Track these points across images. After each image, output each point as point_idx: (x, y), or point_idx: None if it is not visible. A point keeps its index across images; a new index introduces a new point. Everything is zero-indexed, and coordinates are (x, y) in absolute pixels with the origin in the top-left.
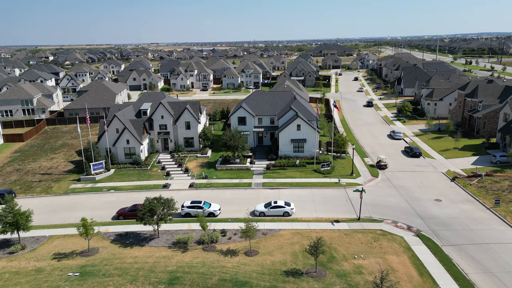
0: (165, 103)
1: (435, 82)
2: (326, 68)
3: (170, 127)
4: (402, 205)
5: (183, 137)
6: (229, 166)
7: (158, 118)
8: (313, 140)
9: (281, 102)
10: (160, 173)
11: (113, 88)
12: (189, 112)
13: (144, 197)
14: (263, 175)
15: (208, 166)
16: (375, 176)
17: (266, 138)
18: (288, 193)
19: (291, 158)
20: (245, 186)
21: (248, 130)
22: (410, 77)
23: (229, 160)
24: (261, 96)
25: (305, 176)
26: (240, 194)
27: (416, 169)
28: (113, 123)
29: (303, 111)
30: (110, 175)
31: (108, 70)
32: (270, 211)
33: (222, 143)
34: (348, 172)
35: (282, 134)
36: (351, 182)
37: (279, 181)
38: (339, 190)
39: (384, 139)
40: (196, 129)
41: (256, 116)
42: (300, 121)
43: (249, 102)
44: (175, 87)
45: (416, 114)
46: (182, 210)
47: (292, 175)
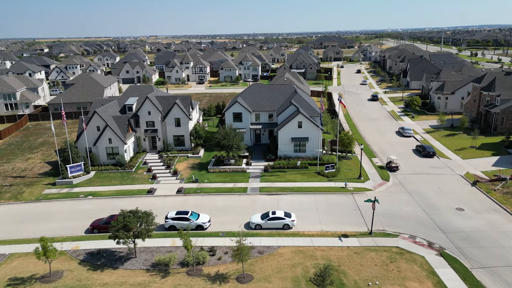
0: (152, 98)
1: (445, 75)
2: (327, 61)
3: (158, 124)
4: (419, 215)
5: (172, 135)
6: (223, 168)
7: (144, 114)
8: (316, 139)
9: (281, 97)
10: (145, 176)
11: (102, 81)
12: (179, 107)
13: (125, 204)
14: (260, 179)
15: (200, 168)
16: (386, 179)
17: (264, 136)
18: (289, 200)
19: (292, 159)
20: (239, 192)
21: (244, 127)
22: (416, 69)
23: (223, 161)
24: (259, 90)
25: (307, 180)
26: (234, 201)
27: (431, 171)
28: (94, 120)
29: (305, 106)
30: (89, 178)
31: (102, 63)
32: (267, 223)
33: (215, 142)
34: (355, 175)
35: (281, 132)
36: (359, 187)
37: (278, 186)
38: (346, 196)
39: (393, 136)
40: (187, 126)
41: (253, 112)
42: (302, 118)
43: (246, 97)
44: (169, 80)
45: (425, 108)
46: (166, 223)
47: (292, 179)
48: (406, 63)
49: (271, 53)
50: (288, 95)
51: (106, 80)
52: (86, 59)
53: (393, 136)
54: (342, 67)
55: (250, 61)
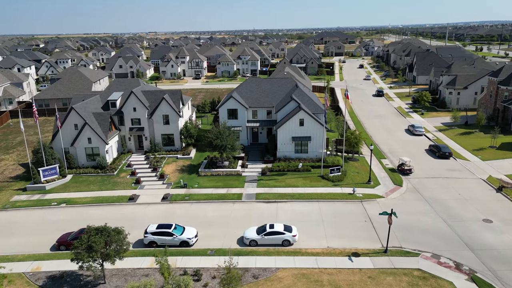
0: (138, 92)
1: (457, 68)
2: (328, 55)
3: (144, 121)
4: (440, 227)
5: (160, 133)
6: (215, 171)
7: (129, 110)
8: (319, 138)
9: (280, 92)
10: (128, 180)
11: (90, 76)
12: (167, 103)
13: (102, 214)
14: (257, 183)
15: (190, 170)
16: (399, 184)
17: (262, 135)
18: (289, 209)
19: (292, 161)
20: (233, 199)
21: (240, 125)
22: (423, 63)
23: (216, 163)
24: (257, 84)
25: (310, 185)
26: (227, 211)
27: (449, 175)
28: (71, 118)
29: (307, 102)
30: (65, 183)
31: (97, 58)
32: (264, 239)
33: (206, 142)
34: (364, 179)
35: (281, 130)
36: (369, 193)
37: (277, 192)
38: (355, 204)
39: (402, 134)
40: (177, 124)
41: (250, 108)
42: (304, 115)
43: (242, 92)
44: (164, 75)
45: (435, 104)
46: (145, 238)
47: (293, 183)
48: (412, 57)
49: (271, 47)
50: (289, 90)
51: (95, 74)
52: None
53: (402, 135)
54: (344, 62)
55: (248, 55)
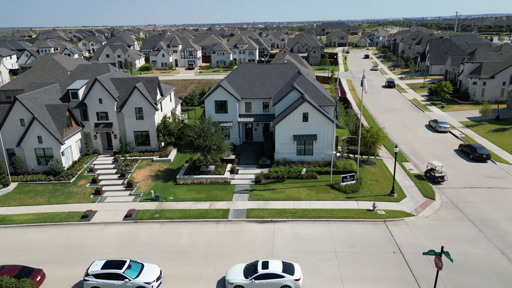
0: (105, 80)
1: (482, 55)
2: (331, 46)
3: (113, 116)
4: (499, 263)
5: (133, 130)
6: (198, 178)
7: (94, 102)
8: (327, 137)
9: (280, 80)
10: (87, 190)
11: (66, 65)
12: (140, 93)
13: (42, 239)
14: (249, 194)
15: (166, 177)
16: (430, 197)
17: (257, 132)
18: (290, 232)
19: (294, 165)
20: (217, 217)
21: (230, 121)
22: (437, 51)
23: (199, 168)
24: (251, 71)
25: (317, 197)
26: (207, 235)
27: (491, 184)
28: (15, 111)
29: (312, 92)
30: (6, 193)
31: (87, 48)
32: (255, 284)
33: (186, 142)
34: (384, 189)
35: (280, 127)
36: (394, 210)
37: (274, 207)
38: (377, 226)
39: (423, 131)
40: (153, 119)
41: (243, 100)
42: (308, 107)
43: (233, 80)
44: (155, 65)
45: (455, 96)
46: (86, 283)
47: (295, 195)
48: (423, 45)
49: (270, 38)
50: (289, 78)
51: (73, 63)
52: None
53: (423, 131)
54: (347, 52)
55: (246, 44)
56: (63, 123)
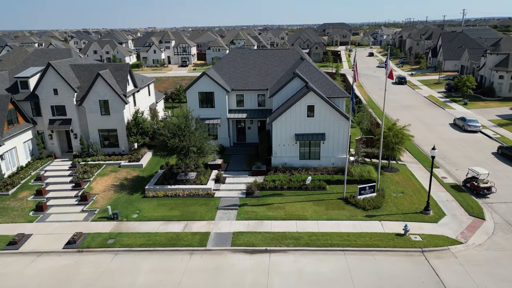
0: (63, 66)
1: (508, 45)
2: (333, 45)
3: (72, 110)
4: None
5: (97, 129)
6: (173, 189)
7: (47, 93)
8: (339, 136)
9: (279, 68)
10: (28, 204)
11: None
12: (106, 83)
13: None
14: (238, 211)
15: (134, 187)
16: (478, 215)
17: (251, 131)
18: (292, 269)
19: (296, 171)
20: (192, 246)
21: (217, 117)
22: (451, 46)
23: (176, 176)
24: (244, 58)
25: (327, 215)
26: (175, 273)
27: None
28: None
29: (319, 81)
30: None
31: (79, 46)
32: None
33: (159, 143)
34: (415, 204)
35: (278, 124)
36: (433, 234)
37: (270, 229)
38: (413, 259)
39: (448, 131)
40: (122, 115)
41: (233, 91)
42: (314, 98)
43: (222, 68)
44: (146, 62)
45: (478, 92)
46: None
47: (298, 212)
48: (434, 40)
49: (270, 36)
50: (291, 66)
51: None
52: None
53: (449, 131)
54: (350, 50)
55: (243, 40)
56: (3, 119)
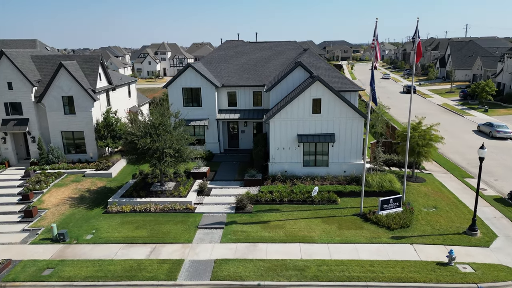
0: (20, 56)
1: None
2: (333, 60)
3: (30, 108)
4: None
5: (60, 131)
6: (143, 203)
7: (1, 88)
8: (353, 138)
9: (278, 62)
10: None
11: None
12: (71, 75)
13: None
14: (224, 231)
15: (96, 201)
16: None
17: (245, 135)
18: None
19: (299, 181)
20: (157, 279)
21: (205, 118)
22: (460, 55)
23: (150, 186)
24: (237, 51)
25: (341, 236)
26: None
27: None
28: None
29: (325, 72)
30: None
31: None
32: None
33: (127, 143)
34: (455, 222)
35: (277, 122)
36: (487, 263)
37: (265, 256)
38: None
39: (474, 138)
40: (90, 115)
41: (224, 88)
42: (321, 89)
43: (212, 62)
44: (140, 73)
45: (498, 100)
46: None
47: (302, 232)
48: (441, 50)
49: None
50: (292, 59)
51: None
52: None
53: (474, 138)
54: (352, 65)
55: None
56: None
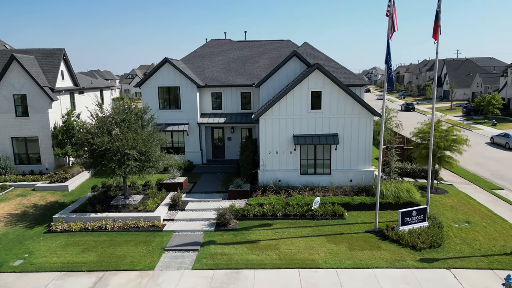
0: None
1: None
2: None
3: None
4: None
5: (10, 136)
6: (98, 219)
7: None
8: (360, 139)
9: (270, 61)
10: None
11: None
12: (24, 70)
13: None
14: (199, 254)
15: (40, 218)
16: None
17: (232, 143)
18: None
19: (296, 192)
20: None
21: (185, 122)
22: (457, 74)
23: (111, 200)
24: (224, 50)
25: (352, 260)
26: None
27: None
28: None
29: (325, 65)
30: None
31: None
32: None
33: (80, 143)
34: (497, 240)
35: (268, 120)
36: None
37: (250, 286)
38: None
39: (489, 149)
40: (46, 118)
41: (208, 88)
42: (321, 79)
43: (194, 61)
44: (127, 94)
45: (504, 114)
46: None
47: (302, 254)
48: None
49: None
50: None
51: None
52: None
53: (490, 150)
54: None
55: None
56: None
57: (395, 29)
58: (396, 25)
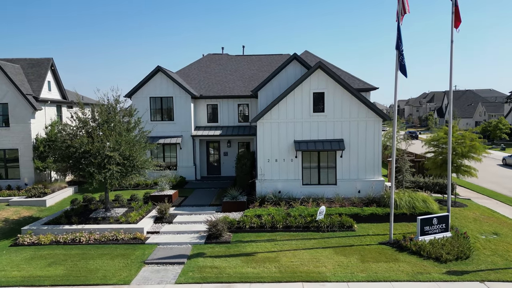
0: None
1: None
2: None
3: None
4: None
5: None
6: (72, 231)
7: None
8: (368, 146)
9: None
10: None
11: None
12: (7, 78)
13: None
14: (185, 267)
15: (12, 231)
16: None
17: (228, 158)
18: None
19: (297, 203)
20: None
21: (178, 135)
22: (459, 104)
23: (91, 212)
24: (221, 64)
25: (366, 273)
26: None
27: None
28: None
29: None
30: None
31: None
32: None
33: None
34: None
35: (266, 125)
36: None
37: None
38: None
39: (502, 170)
40: (28, 128)
41: (203, 99)
42: (324, 80)
43: (190, 74)
44: None
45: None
46: None
47: (306, 267)
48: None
49: None
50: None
51: None
52: None
53: (503, 170)
54: None
55: None
56: None
57: (406, 11)
58: (407, 6)
